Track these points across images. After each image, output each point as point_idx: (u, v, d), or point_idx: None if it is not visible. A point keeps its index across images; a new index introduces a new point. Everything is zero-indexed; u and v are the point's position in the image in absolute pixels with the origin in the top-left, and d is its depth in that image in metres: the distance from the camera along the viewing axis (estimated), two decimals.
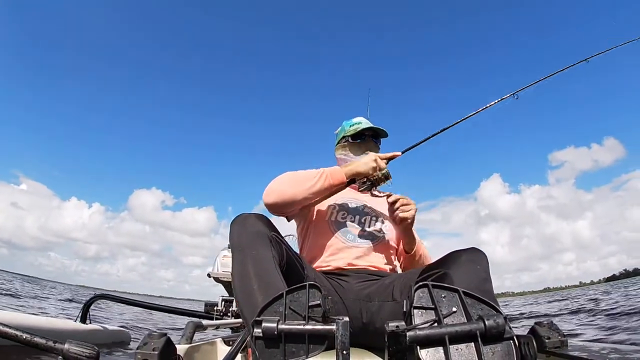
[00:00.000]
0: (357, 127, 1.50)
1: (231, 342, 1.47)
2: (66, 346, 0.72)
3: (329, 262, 1.30)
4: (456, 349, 0.59)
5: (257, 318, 0.64)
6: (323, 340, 0.63)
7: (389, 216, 1.40)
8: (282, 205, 1.20)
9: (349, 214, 1.40)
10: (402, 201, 1.34)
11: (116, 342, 2.81)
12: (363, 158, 1.32)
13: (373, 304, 1.14)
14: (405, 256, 1.46)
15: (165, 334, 0.86)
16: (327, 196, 1.30)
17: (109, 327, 2.81)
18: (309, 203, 1.27)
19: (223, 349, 1.48)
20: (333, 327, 0.61)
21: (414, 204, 1.35)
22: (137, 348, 0.82)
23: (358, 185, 1.34)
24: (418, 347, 0.59)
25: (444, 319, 0.62)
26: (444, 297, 0.66)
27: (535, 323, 0.85)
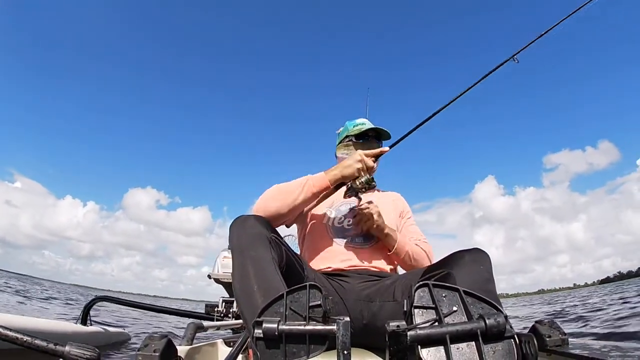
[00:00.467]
0: (361, 128, 1.51)
1: (232, 343, 1.47)
2: (67, 348, 0.72)
3: (329, 264, 1.30)
4: (457, 348, 0.59)
5: (258, 319, 0.64)
6: (324, 340, 0.63)
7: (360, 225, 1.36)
8: (271, 220, 1.16)
9: (346, 215, 1.39)
10: (358, 217, 1.33)
11: (117, 344, 2.81)
12: (348, 160, 1.25)
13: (374, 304, 1.13)
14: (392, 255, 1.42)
15: (166, 336, 0.86)
16: (320, 200, 1.29)
17: (110, 329, 2.81)
18: (300, 211, 1.26)
19: (224, 350, 1.48)
20: (334, 328, 0.61)
21: (370, 208, 1.32)
22: (138, 350, 0.82)
23: (344, 195, 1.31)
24: (419, 347, 0.59)
25: (445, 318, 0.62)
26: (445, 297, 0.66)
27: (535, 322, 0.85)
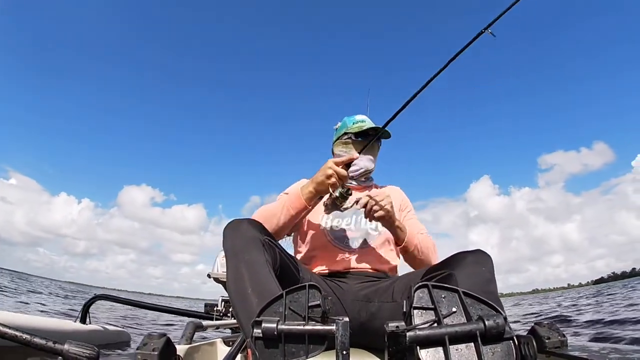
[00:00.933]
0: (362, 126, 1.47)
1: (231, 343, 1.48)
2: (66, 347, 0.72)
3: (326, 266, 1.30)
4: (456, 349, 0.59)
5: (257, 318, 0.64)
6: (323, 340, 0.63)
7: (366, 218, 1.28)
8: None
9: (342, 217, 1.38)
10: (371, 202, 1.23)
11: (116, 343, 2.81)
12: (319, 174, 1.20)
13: (372, 305, 1.13)
14: (400, 250, 1.39)
15: (165, 334, 0.87)
16: (309, 211, 1.25)
17: (109, 328, 2.81)
18: (289, 229, 1.27)
19: (223, 349, 1.48)
20: (333, 328, 0.61)
21: (386, 195, 1.24)
22: (137, 348, 0.82)
23: (324, 211, 1.25)
24: (418, 348, 0.59)
25: (444, 319, 0.62)
26: (444, 298, 0.65)
27: (535, 323, 0.85)
